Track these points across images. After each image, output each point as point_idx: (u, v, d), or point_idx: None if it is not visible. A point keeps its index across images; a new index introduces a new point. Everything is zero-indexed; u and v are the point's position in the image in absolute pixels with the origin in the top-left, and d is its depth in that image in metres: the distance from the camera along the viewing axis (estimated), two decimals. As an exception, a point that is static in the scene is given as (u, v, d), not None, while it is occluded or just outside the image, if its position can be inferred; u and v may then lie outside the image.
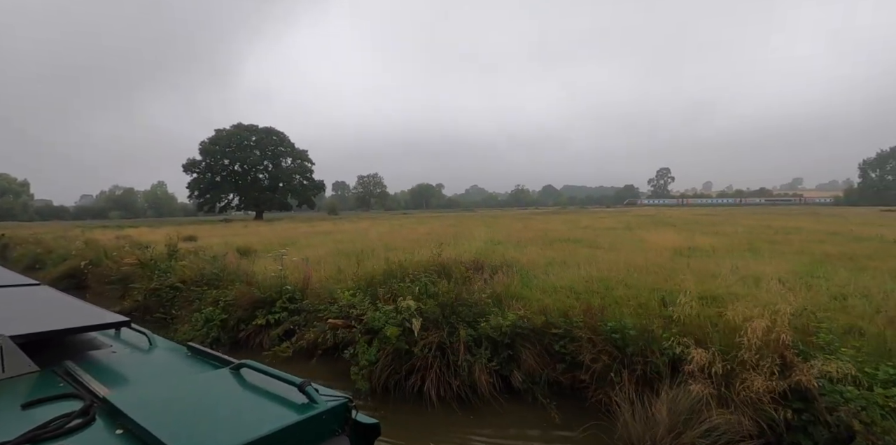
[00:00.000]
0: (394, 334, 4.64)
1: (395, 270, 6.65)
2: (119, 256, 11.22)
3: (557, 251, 11.98)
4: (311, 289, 6.59)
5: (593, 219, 31.75)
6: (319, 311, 6.02)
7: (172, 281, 7.65)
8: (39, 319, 2.29)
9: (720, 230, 19.39)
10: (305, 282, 6.68)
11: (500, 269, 7.85)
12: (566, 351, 4.76)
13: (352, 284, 6.53)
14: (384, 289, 5.80)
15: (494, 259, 9.06)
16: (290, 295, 6.40)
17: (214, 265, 7.54)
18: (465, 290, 5.60)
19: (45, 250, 17.76)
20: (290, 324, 6.06)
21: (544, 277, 7.73)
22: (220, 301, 6.53)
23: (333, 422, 1.57)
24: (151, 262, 9.05)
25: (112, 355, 2.15)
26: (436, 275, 6.21)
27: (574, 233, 18.67)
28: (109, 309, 2.66)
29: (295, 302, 6.36)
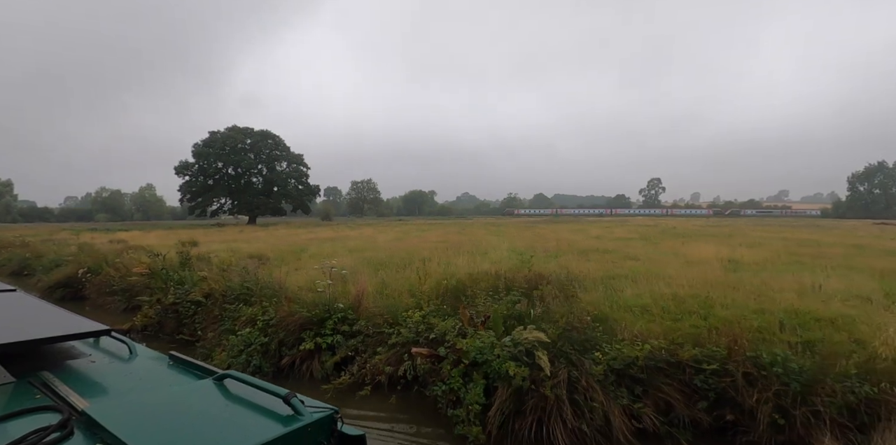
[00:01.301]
0: (521, 374, 3.74)
1: (466, 285, 5.73)
2: (121, 263, 10.14)
3: (599, 263, 11.13)
4: (364, 307, 5.63)
5: (601, 228, 31.01)
6: (382, 334, 5.07)
7: (196, 296, 6.60)
8: (15, 327, 2.17)
9: (743, 241, 18.73)
10: (358, 299, 5.72)
11: (567, 285, 6.99)
12: (708, 385, 3.93)
13: (412, 301, 5.60)
14: (472, 310, 4.87)
15: (553, 272, 8.17)
16: (341, 315, 5.44)
17: (245, 277, 6.50)
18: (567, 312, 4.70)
19: (33, 254, 16.48)
20: (347, 350, 5.09)
21: (617, 294, 6.88)
22: (257, 320, 5.52)
23: (319, 434, 1.53)
24: (163, 272, 8.01)
25: (91, 365, 2.07)
26: (519, 293, 5.32)
27: (598, 244, 17.86)
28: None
29: (349, 323, 5.40)
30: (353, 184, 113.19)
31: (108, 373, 2.00)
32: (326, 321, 5.39)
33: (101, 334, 2.27)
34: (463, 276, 7.44)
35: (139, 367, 2.10)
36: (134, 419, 1.45)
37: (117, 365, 2.13)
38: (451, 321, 4.62)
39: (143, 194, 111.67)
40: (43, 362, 2.02)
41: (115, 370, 2.06)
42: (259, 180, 57.89)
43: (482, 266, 10.08)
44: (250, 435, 1.39)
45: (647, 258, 12.74)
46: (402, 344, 4.80)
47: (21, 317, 2.49)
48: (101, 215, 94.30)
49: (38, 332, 2.06)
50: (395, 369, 4.58)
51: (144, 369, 2.08)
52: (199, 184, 54.70)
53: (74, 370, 2.00)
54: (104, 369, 2.05)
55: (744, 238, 20.80)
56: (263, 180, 57.79)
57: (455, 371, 4.14)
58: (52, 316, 2.55)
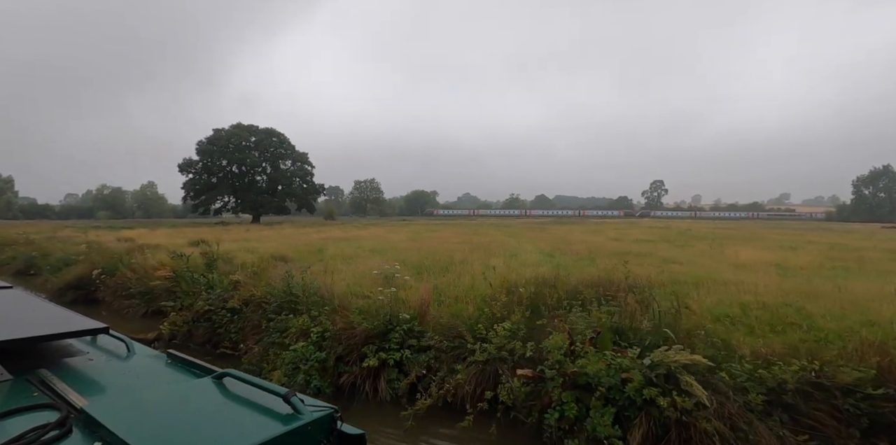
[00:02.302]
0: (684, 404, 3.10)
1: (545, 292, 5.09)
2: (138, 264, 9.48)
3: (643, 267, 10.47)
4: (430, 318, 4.98)
5: (611, 229, 30.36)
6: (459, 349, 4.42)
7: (235, 303, 5.92)
8: (12, 325, 2.15)
9: (771, 244, 18.11)
10: (423, 308, 5.07)
11: (647, 292, 6.36)
12: (860, 410, 3.34)
13: (484, 311, 4.95)
14: (569, 324, 4.22)
15: (611, 276, 7.52)
16: (406, 326, 4.77)
17: (291, 282, 5.81)
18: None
19: (40, 253, 15.79)
20: (420, 368, 4.43)
21: (693, 302, 6.24)
22: (310, 332, 4.84)
23: (319, 433, 1.51)
24: (188, 275, 7.33)
25: (89, 363, 2.06)
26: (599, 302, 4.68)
27: (624, 246, 17.24)
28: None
29: (415, 336, 4.74)
30: (356, 183, 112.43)
31: (106, 371, 1.98)
32: (390, 333, 4.73)
33: (99, 332, 2.26)
34: (522, 281, 6.81)
35: (137, 365, 2.08)
36: (133, 417, 1.43)
37: (115, 362, 2.11)
38: (559, 337, 3.95)
39: (144, 192, 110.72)
40: (40, 360, 2.00)
41: (114, 368, 2.04)
42: (263, 178, 57.20)
43: (526, 269, 9.47)
44: (250, 434, 1.37)
45: (688, 261, 12.12)
46: (486, 362, 4.16)
47: (18, 315, 2.46)
48: (102, 213, 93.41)
49: (35, 330, 2.05)
50: (479, 390, 3.94)
51: (143, 367, 2.06)
52: (203, 182, 54.01)
53: (72, 368, 1.98)
54: (102, 367, 2.03)
55: (768, 241, 20.15)
56: (268, 178, 57.09)
57: (566, 395, 3.50)
58: (49, 313, 2.52)
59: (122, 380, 1.90)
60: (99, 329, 2.25)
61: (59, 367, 1.96)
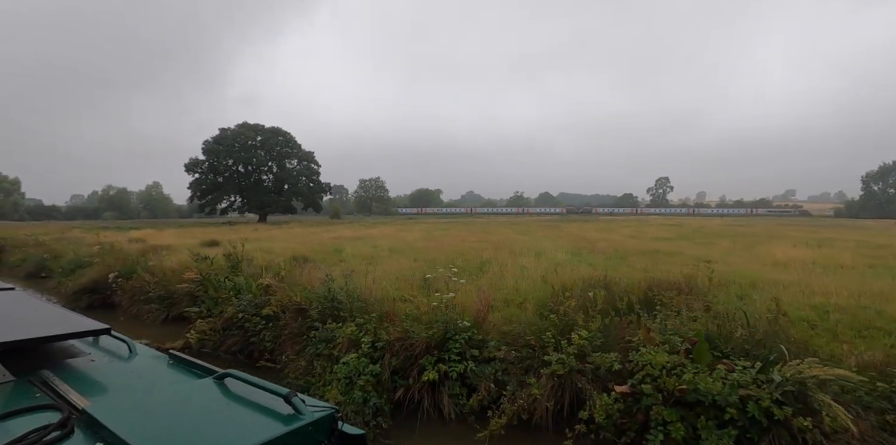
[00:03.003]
0: (838, 424, 2.64)
1: (614, 295, 4.65)
2: (157, 267, 9.07)
3: (677, 266, 9.98)
4: (491, 325, 4.53)
5: (629, 227, 29.81)
6: (528, 361, 3.98)
7: (271, 309, 5.46)
8: (14, 326, 2.14)
9: (796, 242, 17.52)
10: (482, 315, 4.62)
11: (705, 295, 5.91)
12: None
13: (532, 316, 4.51)
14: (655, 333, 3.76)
15: (655, 277, 7.05)
16: (466, 335, 4.33)
17: (329, 286, 5.32)
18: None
19: (50, 255, 15.41)
20: (487, 382, 3.98)
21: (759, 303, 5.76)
22: (361, 343, 4.38)
23: (319, 433, 1.51)
24: (215, 278, 6.90)
25: (91, 364, 2.05)
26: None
27: (645, 244, 16.76)
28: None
29: (476, 346, 4.29)
30: (362, 182, 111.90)
31: (107, 372, 1.97)
32: (448, 343, 4.29)
33: (101, 333, 2.25)
34: (568, 283, 6.37)
35: (139, 366, 2.07)
36: (134, 417, 1.43)
37: (117, 363, 2.10)
38: (659, 351, 3.49)
39: (149, 192, 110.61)
40: (42, 361, 2.00)
41: (115, 369, 2.03)
42: (269, 178, 56.85)
43: (560, 269, 9.02)
44: (251, 434, 1.36)
45: (722, 260, 11.63)
46: (563, 375, 3.72)
47: (20, 316, 2.45)
48: (108, 213, 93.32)
49: (37, 331, 2.04)
50: (558, 406, 3.51)
51: (144, 368, 2.05)
52: (210, 182, 53.71)
53: (74, 368, 1.98)
54: (104, 368, 2.02)
55: (789, 238, 19.60)
56: (274, 178, 56.75)
57: (668, 413, 3.06)
58: (51, 314, 2.51)
59: (124, 381, 1.89)
60: (101, 330, 2.24)
61: (61, 368, 1.95)
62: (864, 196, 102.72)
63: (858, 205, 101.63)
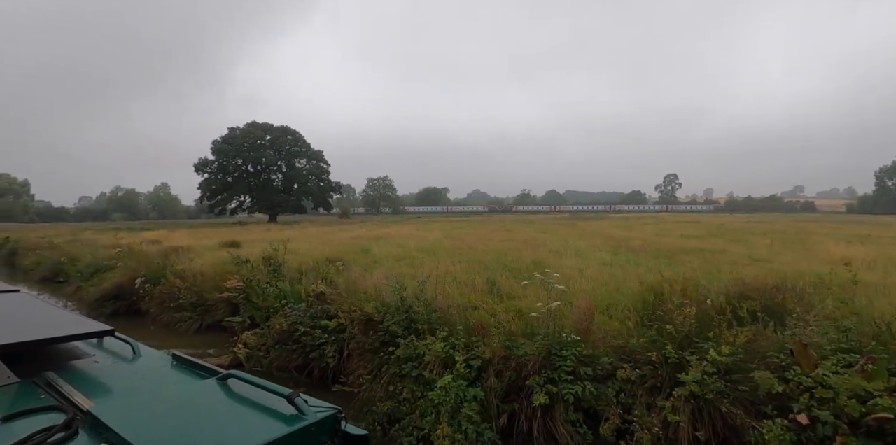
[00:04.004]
0: None
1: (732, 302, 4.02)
2: (187, 271, 8.50)
3: (731, 266, 9.29)
4: (598, 338, 3.92)
5: (647, 225, 29.02)
6: (647, 379, 3.36)
7: (340, 321, 4.80)
8: (19, 328, 2.14)
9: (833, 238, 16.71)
10: (585, 326, 4.01)
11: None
12: None
13: (635, 326, 3.88)
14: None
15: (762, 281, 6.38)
16: (574, 351, 3.70)
17: (401, 293, 4.65)
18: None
19: (67, 258, 14.90)
20: (613, 405, 3.35)
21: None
22: (456, 362, 3.69)
23: (323, 433, 1.50)
24: (259, 285, 6.29)
25: (95, 365, 2.05)
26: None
27: (681, 242, 16.02)
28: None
29: (585, 362, 3.67)
30: (370, 181, 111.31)
31: (111, 373, 1.96)
32: (554, 359, 3.68)
33: (105, 334, 2.22)
34: (655, 287, 5.73)
35: (143, 367, 2.06)
36: (139, 418, 1.42)
37: (121, 365, 2.08)
38: (841, 371, 2.86)
39: (157, 193, 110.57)
40: (47, 362, 1.98)
41: (119, 370, 2.01)
42: (279, 177, 56.41)
43: (614, 270, 8.39)
44: (255, 434, 1.35)
45: (774, 259, 10.95)
46: (700, 397, 3.10)
47: (25, 318, 2.44)
48: (117, 214, 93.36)
49: (41, 333, 2.02)
50: (706, 433, 2.89)
51: (148, 369, 2.03)
52: (219, 182, 53.32)
53: (78, 370, 1.96)
54: (108, 369, 2.00)
55: (822, 235, 18.80)
56: (283, 177, 56.30)
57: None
58: (55, 316, 2.52)
59: (128, 382, 1.86)
60: (105, 331, 2.21)
61: (65, 369, 1.93)
62: (878, 191, 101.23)
63: (872, 201, 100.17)
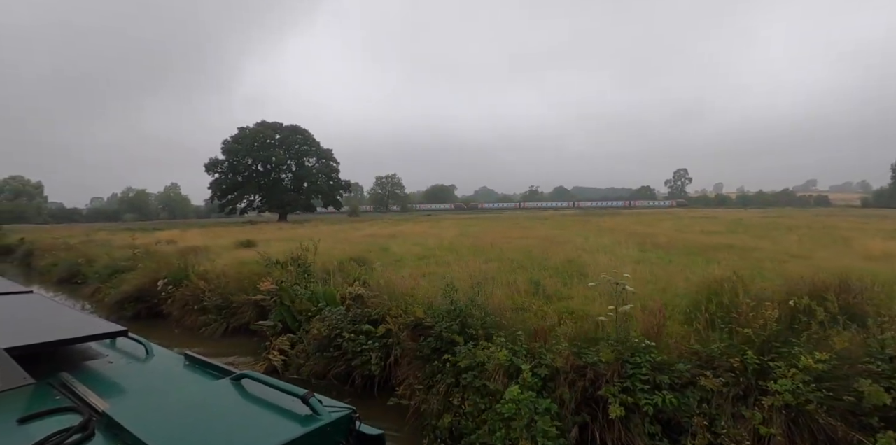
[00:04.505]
0: None
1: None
2: (210, 271, 8.26)
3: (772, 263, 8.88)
4: (671, 343, 3.59)
5: (665, 221, 28.46)
6: (730, 387, 3.03)
7: (388, 326, 4.47)
8: (34, 329, 2.20)
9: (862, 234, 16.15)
10: (658, 330, 3.69)
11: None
12: None
13: (703, 329, 3.54)
14: None
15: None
16: (647, 357, 3.37)
17: (452, 297, 4.32)
18: None
19: (84, 259, 14.76)
20: (700, 417, 3.02)
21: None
22: (522, 372, 3.31)
23: (338, 434, 1.50)
24: (292, 287, 6.00)
25: (109, 365, 2.06)
26: None
27: (703, 239, 15.57)
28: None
29: (660, 369, 3.34)
30: (378, 179, 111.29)
31: (125, 374, 1.97)
32: (626, 367, 3.37)
33: (118, 335, 2.23)
34: (713, 285, 5.38)
35: (156, 367, 2.07)
36: (154, 419, 1.42)
37: (134, 365, 2.09)
38: None
39: (168, 193, 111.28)
40: (62, 363, 1.98)
41: (133, 370, 2.02)
42: (289, 176, 56.37)
43: (650, 270, 8.02)
44: (269, 435, 1.35)
45: (811, 255, 10.50)
46: (793, 408, 2.78)
47: (38, 319, 2.46)
48: (129, 215, 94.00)
49: (56, 334, 2.05)
50: None
51: (161, 369, 2.04)
52: (229, 181, 53.37)
53: (93, 370, 1.97)
54: (122, 369, 2.02)
55: (846, 229, 18.23)
56: (293, 176, 56.25)
57: None
58: (68, 317, 2.53)
59: (142, 382, 1.87)
60: (118, 332, 2.23)
61: (80, 370, 1.93)
62: (894, 184, 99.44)
63: (888, 194, 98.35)
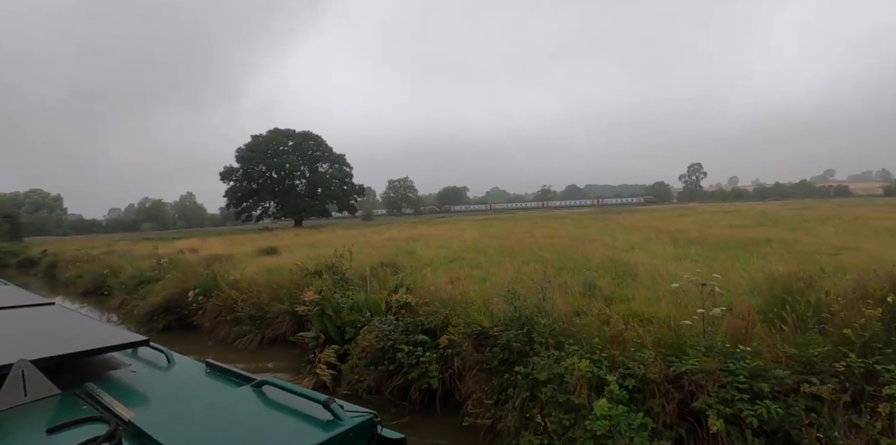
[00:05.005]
0: None
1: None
2: (242, 281, 8.04)
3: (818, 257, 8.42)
4: (763, 346, 3.25)
5: (687, 217, 27.80)
6: (840, 394, 2.69)
7: (451, 337, 4.16)
8: (58, 341, 2.22)
9: None
10: (747, 333, 3.35)
11: None
12: None
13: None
14: None
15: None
16: (746, 364, 3.04)
17: (515, 304, 4.01)
18: None
19: (108, 270, 14.71)
20: (811, 430, 2.69)
21: None
22: (607, 383, 3.05)
23: (360, 438, 1.51)
24: (327, 295, 5.74)
25: (132, 375, 2.09)
26: None
27: (735, 233, 15.07)
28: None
29: (755, 376, 3.00)
30: (390, 182, 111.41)
31: (148, 383, 2.00)
32: (721, 375, 3.02)
33: (140, 344, 2.25)
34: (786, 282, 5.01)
35: (178, 376, 2.09)
36: (178, 427, 1.44)
37: (157, 374, 2.12)
38: None
39: (184, 202, 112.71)
40: (86, 373, 2.01)
41: (155, 379, 2.05)
42: (303, 182, 56.53)
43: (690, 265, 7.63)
44: (292, 440, 1.37)
45: (859, 247, 10.00)
46: None
47: (62, 330, 2.48)
48: (146, 224, 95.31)
49: (79, 344, 2.07)
50: None
51: (183, 377, 2.06)
52: (244, 189, 53.66)
53: (117, 380, 2.00)
54: (144, 378, 2.04)
55: (874, 219, 17.47)
56: (307, 182, 56.39)
57: None
58: (90, 328, 2.55)
59: (165, 391, 1.89)
60: (140, 341, 2.24)
61: (104, 380, 1.96)
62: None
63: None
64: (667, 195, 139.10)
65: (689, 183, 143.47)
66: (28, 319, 2.77)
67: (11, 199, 78.44)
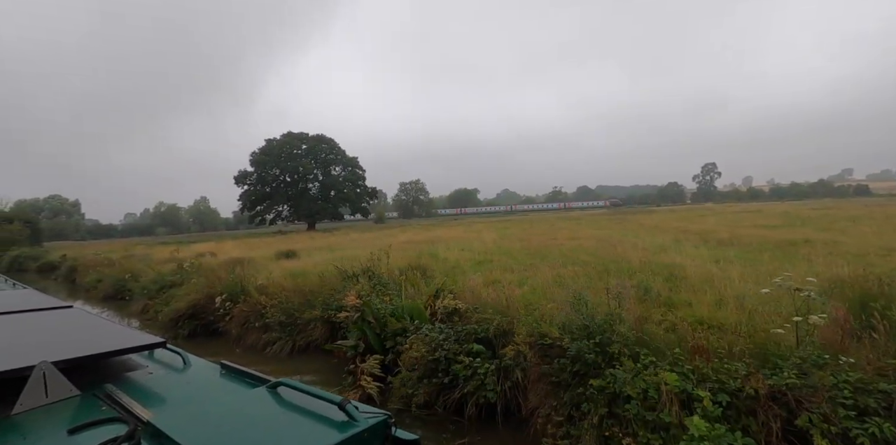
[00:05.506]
0: None
1: None
2: (272, 286, 7.81)
3: (873, 258, 8.00)
4: (861, 357, 2.92)
5: (707, 217, 27.25)
6: None
7: (518, 348, 3.84)
8: (78, 343, 2.26)
9: None
10: (842, 344, 3.02)
11: None
12: None
13: None
14: None
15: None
16: (850, 377, 2.72)
17: (582, 311, 3.69)
18: None
19: (130, 274, 14.61)
20: None
21: None
22: (699, 399, 2.71)
23: (374, 439, 1.51)
24: (367, 301, 5.45)
25: (149, 376, 2.12)
26: None
27: (765, 233, 14.61)
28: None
29: (858, 389, 2.68)
30: (402, 185, 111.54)
31: (165, 384, 2.02)
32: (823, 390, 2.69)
33: (157, 346, 2.28)
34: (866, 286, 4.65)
35: (194, 377, 2.11)
36: (196, 428, 1.46)
37: (174, 375, 2.14)
38: None
39: (198, 207, 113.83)
40: (104, 375, 2.05)
41: (172, 380, 2.07)
42: (316, 185, 56.58)
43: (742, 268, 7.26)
44: (308, 441, 1.39)
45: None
46: None
47: (80, 333, 2.52)
48: (161, 229, 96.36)
49: (99, 346, 2.10)
50: None
51: (200, 379, 2.08)
52: (258, 193, 53.84)
53: (134, 381, 2.03)
54: (162, 380, 2.07)
55: None
56: (320, 185, 56.43)
57: None
58: (108, 330, 2.59)
59: (182, 392, 1.91)
60: (156, 343, 2.26)
61: (122, 381, 1.99)
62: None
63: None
64: (680, 196, 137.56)
65: (703, 183, 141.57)
66: (48, 322, 2.81)
67: (31, 205, 79.70)
